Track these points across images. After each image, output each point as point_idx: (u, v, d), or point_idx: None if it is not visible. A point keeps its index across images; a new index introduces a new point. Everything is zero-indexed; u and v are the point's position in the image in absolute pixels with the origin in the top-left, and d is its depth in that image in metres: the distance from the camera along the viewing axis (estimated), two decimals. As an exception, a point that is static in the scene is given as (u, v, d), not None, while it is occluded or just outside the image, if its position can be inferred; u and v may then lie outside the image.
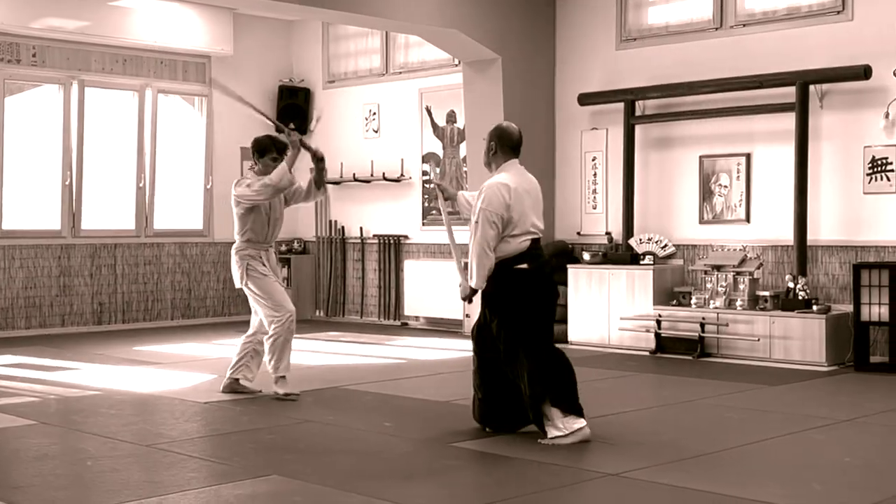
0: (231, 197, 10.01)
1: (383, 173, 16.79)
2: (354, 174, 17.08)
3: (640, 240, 13.76)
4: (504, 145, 8.40)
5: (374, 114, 17.21)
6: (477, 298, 8.39)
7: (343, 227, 17.67)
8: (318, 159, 10.05)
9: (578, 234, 14.77)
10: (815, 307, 12.13)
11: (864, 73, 12.04)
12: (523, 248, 8.20)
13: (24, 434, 8.46)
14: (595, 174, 14.63)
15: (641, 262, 13.58)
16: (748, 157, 13.24)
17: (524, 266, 8.20)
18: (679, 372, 11.80)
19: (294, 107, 17.79)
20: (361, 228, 17.39)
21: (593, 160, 14.65)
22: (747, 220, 13.25)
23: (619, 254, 13.89)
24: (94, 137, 16.24)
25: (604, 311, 13.70)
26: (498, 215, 8.09)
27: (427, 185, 16.35)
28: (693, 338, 12.82)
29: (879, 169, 12.15)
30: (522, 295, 8.21)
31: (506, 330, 8.21)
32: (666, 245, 13.62)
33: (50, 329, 15.73)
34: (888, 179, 12.08)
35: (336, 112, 17.58)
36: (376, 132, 17.16)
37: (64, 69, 15.82)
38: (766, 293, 12.54)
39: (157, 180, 16.88)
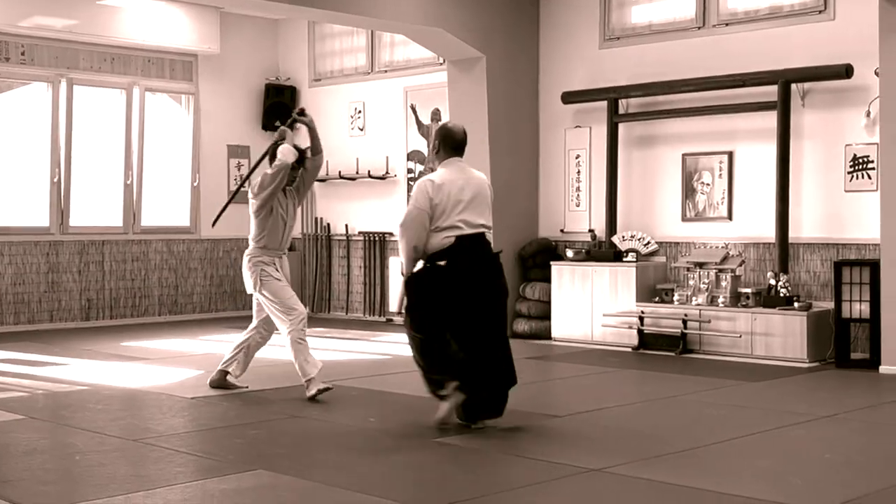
0: (250, 204, 9.89)
1: (368, 171, 16.73)
2: (340, 172, 17.00)
3: (624, 237, 13.71)
4: (447, 145, 8.56)
5: (360, 112, 17.15)
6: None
7: (328, 225, 17.60)
8: (310, 128, 10.12)
9: (562, 231, 14.71)
10: (796, 304, 12.10)
11: (846, 71, 12.01)
12: (446, 245, 8.29)
13: (12, 429, 8.43)
14: (579, 172, 14.58)
15: (624, 260, 13.53)
16: (730, 155, 13.20)
17: (442, 263, 8.30)
18: (661, 368, 11.78)
19: (280, 105, 17.69)
20: (347, 226, 17.32)
21: (577, 158, 14.59)
22: (729, 217, 13.21)
23: (603, 251, 13.83)
24: (83, 135, 16.16)
25: (587, 308, 13.67)
26: (423, 210, 8.24)
27: (412, 183, 16.26)
28: (675, 334, 12.80)
29: (861, 167, 12.12)
30: (427, 289, 8.39)
31: (406, 317, 8.54)
32: (649, 242, 13.57)
33: (38, 325, 15.65)
34: (869, 177, 12.04)
35: (322, 110, 17.37)
36: (361, 130, 17.10)
37: (52, 67, 15.75)
38: (748, 290, 12.50)
39: (144, 177, 16.81)
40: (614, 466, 7.10)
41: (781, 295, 12.21)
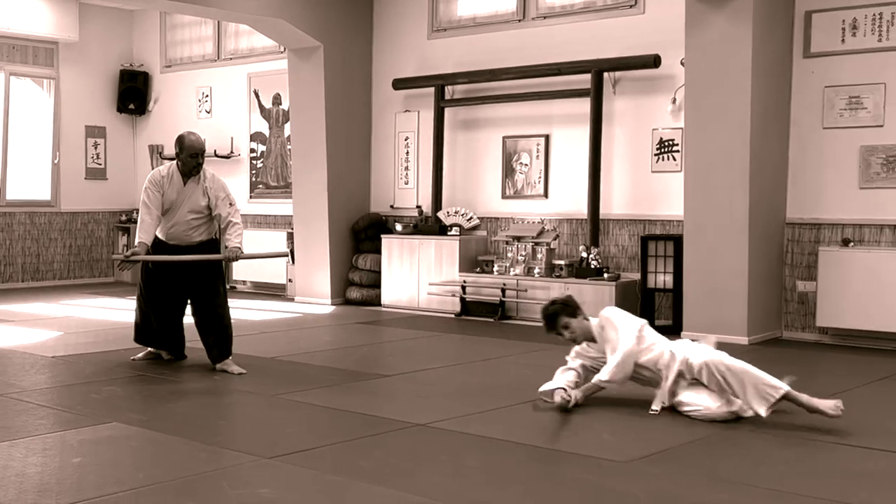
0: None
1: (215, 151, 15.29)
2: (189, 151, 15.80)
3: (448, 213, 12.69)
4: None
5: (207, 96, 15.85)
6: None
7: (178, 200, 16.44)
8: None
9: (392, 206, 13.62)
10: (606, 275, 11.23)
11: (654, 61, 11.08)
12: None
13: None
14: (407, 152, 13.50)
15: (449, 233, 12.55)
16: (547, 138, 12.19)
17: None
18: (481, 333, 10.98)
19: (134, 89, 16.51)
20: (195, 201, 16.18)
21: (406, 140, 13.50)
22: (545, 195, 12.23)
23: (429, 225, 12.81)
24: (-49, 116, 14.80)
25: (414, 278, 12.67)
26: None
27: (255, 161, 15.23)
28: (494, 302, 11.89)
29: (666, 149, 11.25)
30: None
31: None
32: (471, 218, 12.59)
33: None
34: (674, 159, 11.16)
35: (172, 94, 16.33)
36: (209, 113, 15.79)
37: (-76, 53, 14.32)
38: (562, 262, 11.58)
39: (9, 155, 15.63)
40: (438, 421, 6.66)
41: (592, 266, 11.31)
